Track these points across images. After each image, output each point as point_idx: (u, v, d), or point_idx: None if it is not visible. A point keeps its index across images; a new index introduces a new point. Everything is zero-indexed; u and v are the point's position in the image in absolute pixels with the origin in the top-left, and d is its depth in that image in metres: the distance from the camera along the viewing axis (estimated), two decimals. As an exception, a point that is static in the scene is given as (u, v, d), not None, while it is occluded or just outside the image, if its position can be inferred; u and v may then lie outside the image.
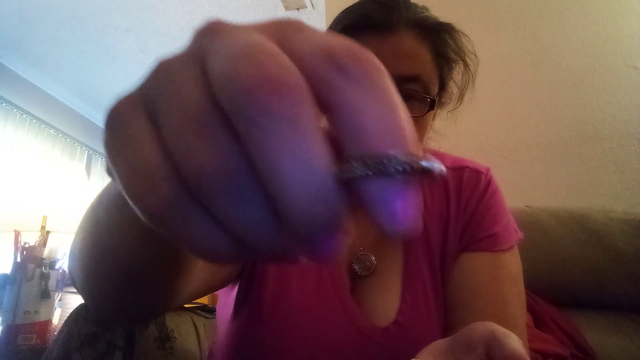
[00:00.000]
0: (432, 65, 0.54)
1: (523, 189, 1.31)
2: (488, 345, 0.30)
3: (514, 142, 1.36)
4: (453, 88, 0.60)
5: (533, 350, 0.75)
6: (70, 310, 0.83)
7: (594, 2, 1.39)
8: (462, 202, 0.61)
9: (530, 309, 0.90)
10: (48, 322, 1.01)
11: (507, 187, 0.65)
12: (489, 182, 0.62)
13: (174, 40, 3.13)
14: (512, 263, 0.58)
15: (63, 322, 0.81)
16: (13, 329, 0.96)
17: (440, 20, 0.57)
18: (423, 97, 0.53)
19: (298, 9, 2.83)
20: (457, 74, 0.59)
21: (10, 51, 3.22)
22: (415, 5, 0.56)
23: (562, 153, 1.31)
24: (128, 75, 3.55)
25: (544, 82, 1.38)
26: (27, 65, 3.39)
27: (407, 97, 0.53)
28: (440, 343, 0.34)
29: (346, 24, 0.54)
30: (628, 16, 1.35)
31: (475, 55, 0.59)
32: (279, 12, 2.85)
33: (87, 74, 3.54)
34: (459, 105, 0.62)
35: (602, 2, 1.38)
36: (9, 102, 3.29)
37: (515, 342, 0.29)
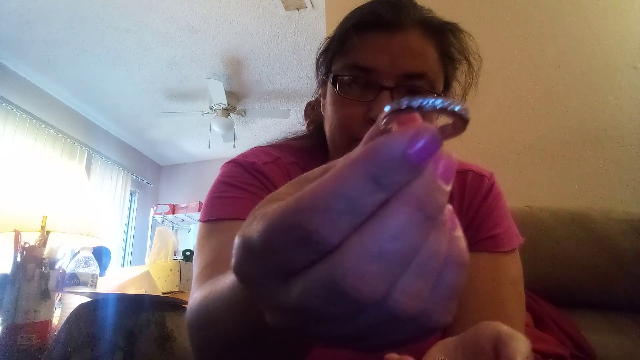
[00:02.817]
0: (438, 63, 0.56)
1: (523, 189, 1.31)
2: (495, 346, 0.30)
3: (514, 142, 1.36)
4: (457, 88, 0.61)
5: (533, 351, 0.75)
6: (70, 310, 0.83)
7: (594, 2, 1.39)
8: (465, 204, 0.61)
9: (530, 309, 0.90)
10: (48, 322, 1.01)
11: (507, 187, 0.65)
12: (491, 186, 0.63)
13: (174, 40, 3.14)
14: (512, 265, 0.58)
15: (63, 322, 0.81)
16: (13, 329, 0.95)
17: (445, 20, 0.58)
18: (429, 92, 0.54)
19: (298, 9, 2.83)
20: (461, 74, 0.60)
21: (11, 51, 3.22)
22: (421, 7, 0.57)
23: (562, 153, 1.31)
24: (128, 75, 3.55)
25: (544, 83, 1.38)
26: (27, 65, 3.39)
27: (413, 93, 0.54)
28: (449, 342, 0.34)
29: (357, 21, 0.55)
30: (628, 16, 1.35)
31: (479, 56, 0.60)
32: (279, 12, 2.85)
33: (87, 74, 3.54)
34: (462, 101, 0.62)
35: (602, 3, 1.38)
36: (9, 102, 3.29)
37: (521, 344, 0.29)
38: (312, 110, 0.79)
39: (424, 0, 0.59)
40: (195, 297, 0.46)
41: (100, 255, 2.10)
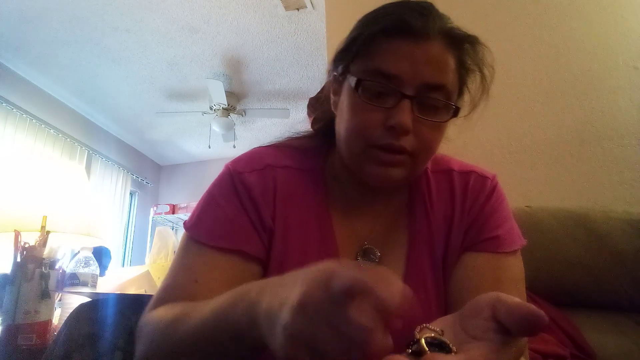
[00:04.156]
0: (455, 74, 0.56)
1: (523, 189, 1.31)
2: (493, 307, 0.31)
3: (514, 142, 1.36)
4: (466, 94, 0.61)
5: (533, 351, 0.75)
6: (70, 310, 0.83)
7: (593, 2, 1.39)
8: (467, 204, 0.62)
9: (530, 309, 0.90)
10: (48, 322, 1.01)
11: (507, 187, 0.65)
12: (494, 188, 0.63)
13: (174, 40, 3.14)
14: (514, 266, 0.58)
15: (63, 322, 0.81)
16: (13, 329, 0.95)
17: (467, 32, 0.58)
18: (447, 104, 0.55)
19: (298, 9, 2.83)
20: (472, 82, 0.60)
21: (10, 51, 3.22)
22: (444, 16, 0.57)
23: (562, 153, 1.31)
24: (128, 75, 3.55)
25: (544, 83, 1.38)
26: (27, 65, 3.39)
27: (431, 105, 0.54)
28: (448, 316, 0.35)
29: (383, 27, 0.54)
30: (628, 16, 1.35)
31: (493, 68, 0.60)
32: (279, 12, 2.85)
33: (87, 74, 3.54)
34: (472, 111, 0.62)
35: (602, 3, 1.38)
36: (9, 102, 3.29)
37: (519, 300, 0.30)
38: (320, 106, 0.77)
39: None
40: (159, 313, 0.50)
41: (100, 255, 2.10)
